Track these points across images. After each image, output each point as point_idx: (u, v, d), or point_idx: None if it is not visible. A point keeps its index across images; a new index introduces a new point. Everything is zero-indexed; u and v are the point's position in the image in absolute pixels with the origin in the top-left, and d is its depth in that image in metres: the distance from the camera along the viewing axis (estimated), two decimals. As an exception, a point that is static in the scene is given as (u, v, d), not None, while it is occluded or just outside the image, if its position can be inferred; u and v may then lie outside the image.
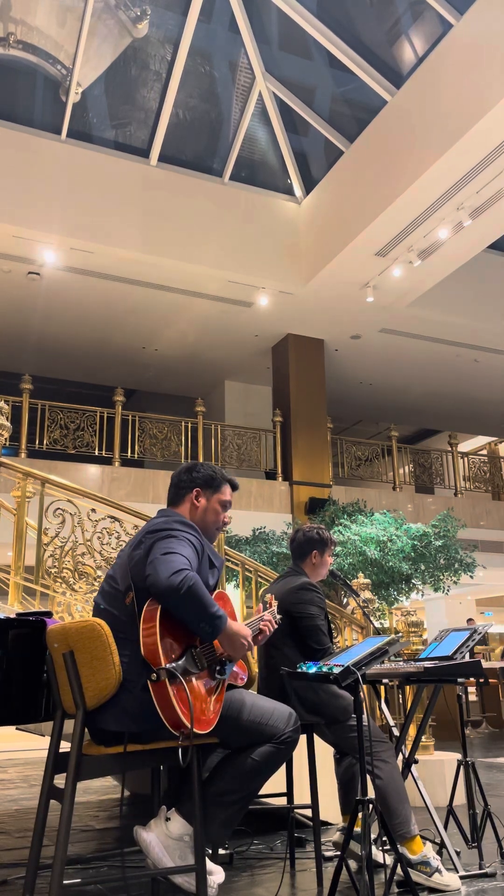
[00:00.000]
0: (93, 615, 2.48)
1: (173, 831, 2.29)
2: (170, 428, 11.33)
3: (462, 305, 11.19)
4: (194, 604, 2.22)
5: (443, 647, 3.36)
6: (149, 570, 2.28)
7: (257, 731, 2.40)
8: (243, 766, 2.37)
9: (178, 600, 2.21)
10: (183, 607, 2.23)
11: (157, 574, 2.23)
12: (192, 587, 2.20)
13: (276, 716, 2.44)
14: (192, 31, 8.72)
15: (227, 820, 2.37)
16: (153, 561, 2.28)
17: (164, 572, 2.22)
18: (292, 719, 2.47)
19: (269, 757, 2.39)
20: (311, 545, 3.45)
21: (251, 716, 2.41)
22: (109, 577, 2.50)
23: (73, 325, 11.26)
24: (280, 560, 8.71)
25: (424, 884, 2.85)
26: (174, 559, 2.27)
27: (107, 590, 2.47)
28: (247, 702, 2.44)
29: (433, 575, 8.77)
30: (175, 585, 2.19)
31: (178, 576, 2.20)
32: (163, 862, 2.25)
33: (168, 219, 9.55)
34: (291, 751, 2.46)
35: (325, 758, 3.49)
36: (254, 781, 2.39)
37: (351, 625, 5.56)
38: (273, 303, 10.53)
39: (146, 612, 2.27)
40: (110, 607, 2.41)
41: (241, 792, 2.37)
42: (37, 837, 2.32)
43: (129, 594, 2.36)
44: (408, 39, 8.49)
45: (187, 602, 2.21)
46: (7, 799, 5.30)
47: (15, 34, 8.71)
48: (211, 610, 2.25)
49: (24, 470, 4.76)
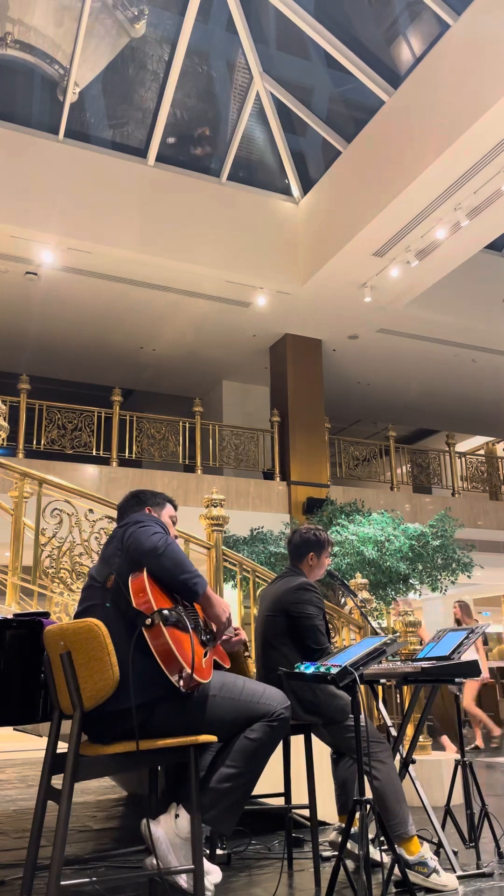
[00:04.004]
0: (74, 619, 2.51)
1: (182, 829, 2.31)
2: (168, 428, 11.33)
3: (460, 305, 11.20)
4: (174, 562, 2.38)
5: (440, 647, 3.36)
6: (128, 542, 2.43)
7: (252, 711, 2.45)
8: (241, 746, 2.42)
9: (159, 558, 2.36)
10: (165, 563, 2.37)
11: (138, 538, 2.41)
12: (170, 546, 2.39)
13: (268, 694, 2.51)
14: (190, 31, 8.72)
15: (232, 806, 2.40)
16: (131, 534, 2.45)
17: (144, 536, 2.41)
18: (283, 698, 2.54)
19: (265, 735, 2.44)
20: (309, 546, 3.45)
21: (244, 696, 2.46)
22: (87, 582, 2.60)
23: (71, 325, 11.25)
24: (278, 560, 8.71)
25: (422, 884, 2.85)
26: (149, 527, 2.46)
27: (86, 592, 2.55)
28: (238, 683, 2.50)
29: (431, 575, 8.77)
30: (156, 543, 2.38)
31: (156, 537, 2.40)
32: (168, 858, 2.27)
33: (166, 219, 9.55)
34: (285, 728, 2.52)
35: (322, 758, 3.49)
36: (253, 761, 2.42)
37: (349, 625, 5.56)
38: (271, 303, 10.53)
39: (133, 579, 2.37)
40: (90, 599, 2.49)
41: (242, 775, 2.41)
42: (34, 838, 2.32)
43: (111, 577, 2.45)
44: (405, 40, 8.50)
45: (169, 557, 2.37)
46: (5, 799, 5.30)
47: (12, 34, 8.71)
48: (190, 567, 2.41)
49: (22, 470, 4.75)
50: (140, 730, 2.26)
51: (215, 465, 11.40)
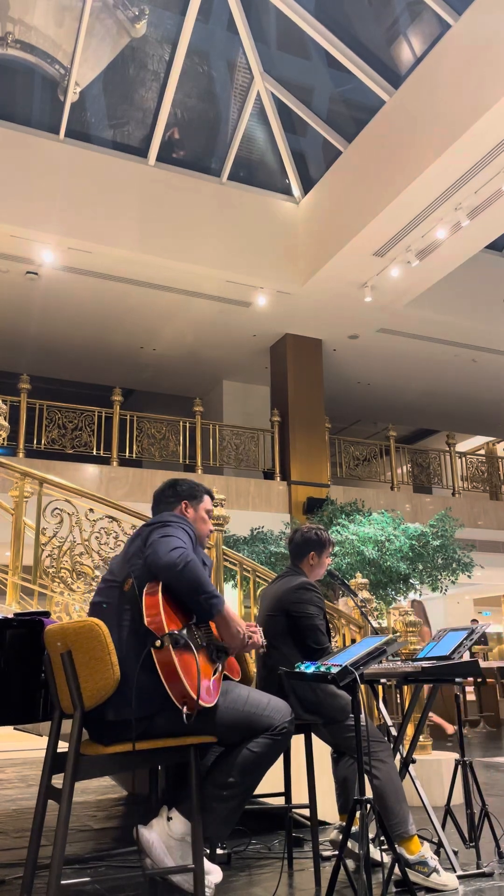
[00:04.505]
0: (88, 614, 2.49)
1: (175, 831, 2.29)
2: (168, 428, 11.33)
3: (460, 305, 11.20)
4: (192, 579, 2.30)
5: (440, 647, 3.36)
6: (148, 551, 2.37)
7: (255, 722, 2.41)
8: (241, 758, 2.38)
9: (177, 574, 2.29)
10: (181, 582, 2.30)
11: (157, 552, 2.34)
12: (189, 563, 2.30)
13: (272, 707, 2.46)
14: (191, 31, 8.72)
15: (228, 816, 2.38)
16: (152, 543, 2.38)
17: (163, 549, 2.33)
18: (287, 710, 2.49)
19: (267, 748, 2.40)
20: (310, 546, 3.45)
21: (248, 707, 2.43)
22: (106, 575, 2.56)
23: (71, 324, 11.25)
24: (278, 560, 8.71)
25: (422, 883, 2.85)
26: (171, 540, 2.38)
27: (103, 587, 2.52)
28: (243, 693, 2.46)
29: (431, 575, 8.78)
30: (174, 560, 2.29)
31: (176, 552, 2.31)
32: (164, 862, 2.25)
33: (166, 218, 9.55)
34: (287, 742, 2.48)
35: (322, 757, 3.49)
36: (252, 774, 2.40)
37: (349, 625, 5.56)
38: (271, 303, 10.53)
39: (147, 591, 2.32)
40: (107, 599, 2.46)
41: (240, 786, 2.38)
42: (34, 837, 2.32)
43: (128, 580, 2.42)
44: (406, 39, 8.50)
45: (186, 576, 2.29)
46: (5, 799, 5.30)
47: (13, 34, 8.71)
48: (209, 587, 2.33)
49: (22, 470, 4.75)
50: (141, 735, 2.26)
51: (215, 465, 11.40)
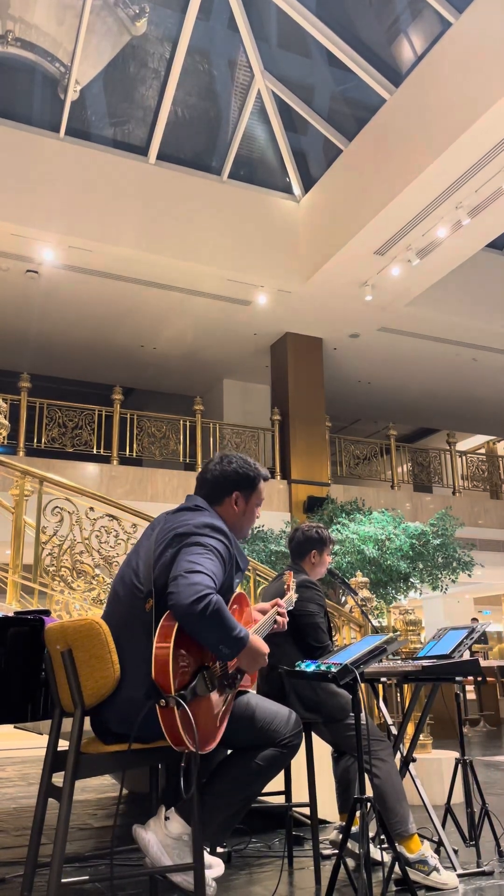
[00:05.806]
0: (108, 601, 2.43)
1: (172, 831, 2.29)
2: (168, 426, 11.33)
3: (461, 304, 11.19)
4: (215, 628, 2.14)
5: (441, 646, 3.36)
6: (171, 588, 2.18)
7: (262, 734, 2.38)
8: (245, 768, 2.36)
9: (199, 626, 2.13)
10: (204, 632, 2.16)
11: (180, 596, 2.13)
12: (214, 611, 2.11)
13: (280, 719, 2.42)
14: (191, 29, 8.71)
15: (226, 822, 2.37)
16: (177, 578, 2.18)
17: (187, 596, 2.11)
18: (296, 724, 2.45)
19: (272, 760, 2.38)
20: (311, 544, 3.45)
21: (256, 719, 2.39)
22: (132, 568, 2.40)
23: (72, 323, 11.25)
24: (278, 558, 8.71)
25: (422, 882, 2.85)
26: (198, 579, 2.16)
27: (126, 591, 2.38)
28: (252, 703, 2.43)
29: (431, 573, 8.78)
30: (196, 613, 2.10)
31: (200, 603, 2.10)
32: (161, 861, 2.25)
33: (167, 217, 9.54)
34: (293, 755, 2.44)
35: (323, 756, 3.49)
36: (254, 784, 2.38)
37: (349, 623, 5.56)
38: (271, 301, 10.53)
39: (162, 628, 2.18)
40: (130, 602, 2.34)
41: (241, 794, 2.37)
42: (35, 836, 2.32)
43: (150, 601, 2.28)
44: (407, 38, 8.49)
45: (209, 626, 2.13)
46: (5, 797, 5.30)
47: (13, 32, 8.70)
48: (232, 633, 2.17)
49: (23, 468, 4.75)
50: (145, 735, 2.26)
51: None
